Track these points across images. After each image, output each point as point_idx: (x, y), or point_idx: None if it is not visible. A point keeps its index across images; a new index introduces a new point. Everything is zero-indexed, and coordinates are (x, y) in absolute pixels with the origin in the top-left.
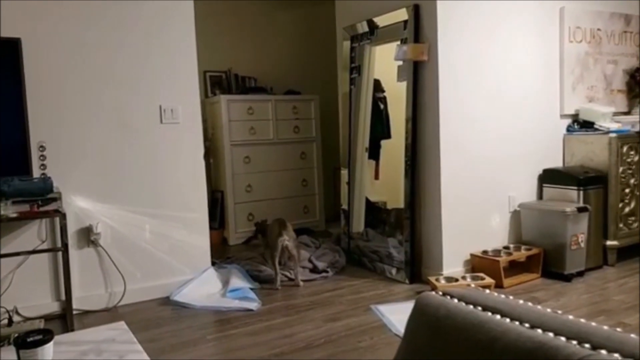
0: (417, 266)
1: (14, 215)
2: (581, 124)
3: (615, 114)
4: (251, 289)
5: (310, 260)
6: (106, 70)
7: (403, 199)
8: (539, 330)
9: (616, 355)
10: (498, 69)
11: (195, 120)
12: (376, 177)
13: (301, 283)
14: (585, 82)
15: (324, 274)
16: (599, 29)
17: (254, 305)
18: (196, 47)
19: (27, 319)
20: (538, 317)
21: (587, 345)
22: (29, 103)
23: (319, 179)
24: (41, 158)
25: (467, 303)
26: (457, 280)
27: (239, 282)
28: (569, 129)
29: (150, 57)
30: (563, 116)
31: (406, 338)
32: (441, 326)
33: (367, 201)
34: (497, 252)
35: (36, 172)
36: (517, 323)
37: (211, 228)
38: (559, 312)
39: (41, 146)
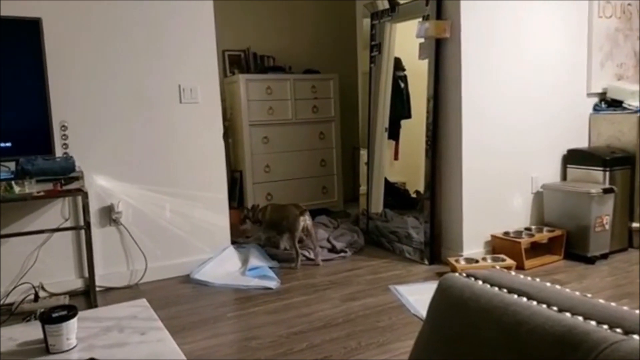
0: (437, 247)
1: (40, 194)
2: (609, 103)
3: None
4: (270, 267)
5: (328, 240)
6: (126, 50)
7: (423, 180)
8: (568, 314)
9: None
10: (523, 45)
11: (215, 100)
12: (396, 157)
13: (321, 262)
14: (614, 59)
15: (342, 254)
16: (629, 4)
17: (273, 283)
18: (215, 26)
19: (52, 294)
20: (566, 300)
21: (618, 330)
22: (50, 83)
23: (337, 159)
24: (63, 137)
25: (491, 285)
26: (477, 261)
27: (258, 260)
28: (596, 108)
29: (169, 37)
30: (590, 94)
31: (429, 319)
32: (466, 308)
33: (386, 182)
34: (518, 234)
35: (59, 152)
36: (544, 306)
37: (230, 207)
38: (589, 295)
39: (63, 126)
